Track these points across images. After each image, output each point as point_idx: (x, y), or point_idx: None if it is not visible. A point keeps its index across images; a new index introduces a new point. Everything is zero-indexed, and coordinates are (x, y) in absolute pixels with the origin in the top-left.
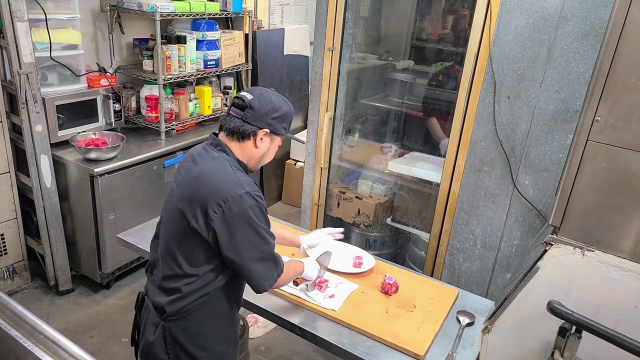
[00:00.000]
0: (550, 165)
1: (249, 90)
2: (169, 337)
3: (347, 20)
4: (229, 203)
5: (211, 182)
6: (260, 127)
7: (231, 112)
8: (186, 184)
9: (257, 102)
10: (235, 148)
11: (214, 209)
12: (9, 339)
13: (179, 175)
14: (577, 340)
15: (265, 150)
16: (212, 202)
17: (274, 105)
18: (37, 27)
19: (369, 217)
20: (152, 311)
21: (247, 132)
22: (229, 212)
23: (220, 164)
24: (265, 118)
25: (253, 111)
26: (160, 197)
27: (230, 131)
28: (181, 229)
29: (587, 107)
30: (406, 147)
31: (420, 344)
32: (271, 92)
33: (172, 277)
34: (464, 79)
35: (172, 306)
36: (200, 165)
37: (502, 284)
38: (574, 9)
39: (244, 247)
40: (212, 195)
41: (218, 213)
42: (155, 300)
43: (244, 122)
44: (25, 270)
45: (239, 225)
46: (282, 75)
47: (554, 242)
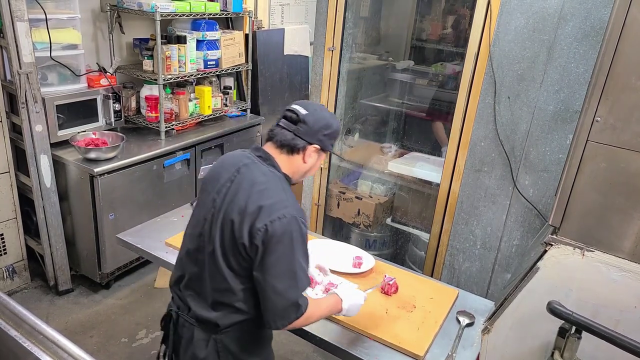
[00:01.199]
0: (550, 166)
1: (301, 104)
2: (222, 350)
3: (347, 20)
4: (275, 223)
5: (264, 199)
6: (311, 142)
7: (282, 124)
8: (233, 195)
9: (312, 118)
10: (282, 161)
11: (260, 226)
12: (9, 339)
13: (217, 184)
14: (577, 341)
15: (311, 165)
16: (261, 219)
17: (327, 122)
18: (37, 27)
19: (369, 217)
20: (197, 326)
21: (298, 146)
22: (272, 231)
23: (273, 180)
24: (317, 134)
25: (307, 126)
26: (160, 197)
27: (281, 144)
28: (228, 241)
29: (587, 107)
30: (406, 147)
31: (420, 344)
32: (323, 108)
33: (223, 291)
34: (464, 79)
35: (225, 319)
36: (251, 179)
37: (502, 284)
38: (574, 9)
39: (273, 272)
40: (262, 211)
41: (262, 231)
42: (204, 315)
43: (296, 136)
44: (25, 270)
45: (277, 248)
46: (282, 75)
47: (554, 243)
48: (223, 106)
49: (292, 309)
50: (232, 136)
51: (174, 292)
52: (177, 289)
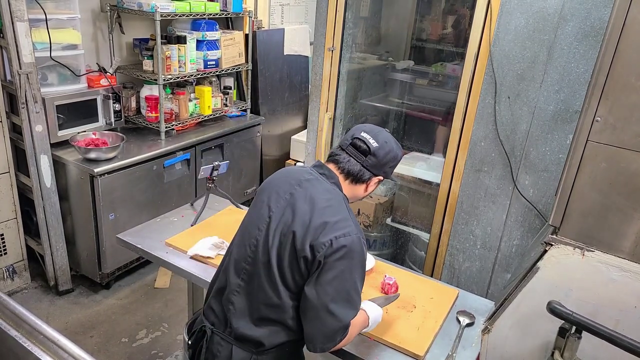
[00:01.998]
0: (550, 165)
1: (371, 133)
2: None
3: (347, 21)
4: (340, 240)
5: (328, 215)
6: (377, 174)
7: (350, 152)
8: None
9: (382, 152)
10: (345, 186)
11: (324, 240)
12: (9, 339)
13: (275, 194)
14: (577, 341)
15: (370, 192)
16: (325, 235)
17: (394, 155)
18: (37, 27)
19: (369, 217)
20: (236, 345)
21: (364, 178)
22: (336, 248)
23: (337, 199)
24: (384, 167)
25: (376, 159)
26: (160, 197)
27: (347, 172)
28: (287, 253)
29: (587, 107)
30: (406, 147)
31: (420, 344)
32: (391, 138)
33: (272, 306)
34: (464, 79)
35: (271, 338)
36: (313, 192)
37: (502, 284)
38: (574, 9)
39: (329, 289)
40: (327, 227)
41: (326, 246)
42: (246, 332)
43: (363, 168)
44: (25, 270)
45: (337, 265)
46: (282, 75)
47: (554, 242)
48: (223, 106)
49: (341, 332)
50: (232, 136)
51: (211, 305)
52: (215, 302)
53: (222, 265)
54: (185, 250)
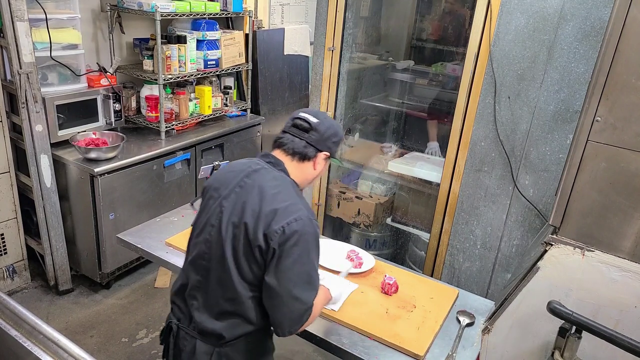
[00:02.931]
0: (550, 165)
1: (311, 112)
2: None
3: (347, 20)
4: (292, 225)
5: (278, 202)
6: (322, 150)
7: (292, 132)
8: (244, 200)
9: (322, 126)
10: (292, 168)
11: (277, 228)
12: (9, 338)
13: (224, 190)
14: (577, 341)
15: (319, 171)
16: (276, 221)
17: (335, 130)
18: (38, 26)
19: (369, 217)
20: (200, 339)
21: (309, 154)
22: (289, 233)
23: (284, 184)
24: (327, 142)
25: (318, 134)
26: (161, 197)
27: (293, 151)
28: (241, 246)
29: (587, 107)
30: (406, 147)
31: (420, 344)
32: (329, 116)
33: (230, 300)
34: (464, 79)
35: (232, 331)
36: (262, 183)
37: (502, 284)
38: (574, 9)
39: (290, 275)
40: (277, 214)
41: (279, 233)
42: (208, 326)
43: (308, 144)
44: (25, 270)
45: (293, 250)
46: (282, 75)
47: (554, 242)
48: (223, 106)
49: (307, 313)
50: (232, 136)
51: (175, 302)
52: (178, 299)
53: (184, 263)
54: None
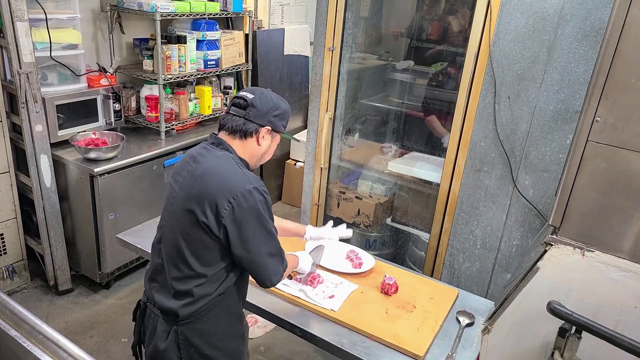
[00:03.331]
0: (550, 165)
1: (248, 90)
2: (183, 341)
3: (347, 20)
4: (238, 199)
5: (220, 179)
6: (262, 124)
7: (232, 111)
8: (191, 184)
9: (259, 101)
10: (237, 146)
11: (224, 205)
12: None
13: (178, 177)
14: (577, 341)
15: (266, 147)
16: (222, 198)
17: (274, 104)
18: (37, 26)
19: (369, 217)
20: (160, 317)
21: (249, 130)
22: (238, 207)
23: (226, 161)
24: (266, 116)
25: (255, 109)
26: (161, 197)
27: (233, 130)
28: (191, 228)
29: (587, 107)
30: (406, 147)
31: (420, 344)
32: (270, 92)
33: (182, 279)
34: (464, 79)
35: (185, 309)
36: (205, 164)
37: (502, 284)
38: (574, 9)
39: (254, 242)
40: (222, 191)
41: (228, 209)
42: (165, 305)
43: (247, 121)
44: (25, 270)
45: (249, 220)
46: (282, 75)
47: (554, 243)
48: (223, 106)
49: (279, 261)
50: None
51: (145, 283)
52: (146, 281)
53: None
54: None
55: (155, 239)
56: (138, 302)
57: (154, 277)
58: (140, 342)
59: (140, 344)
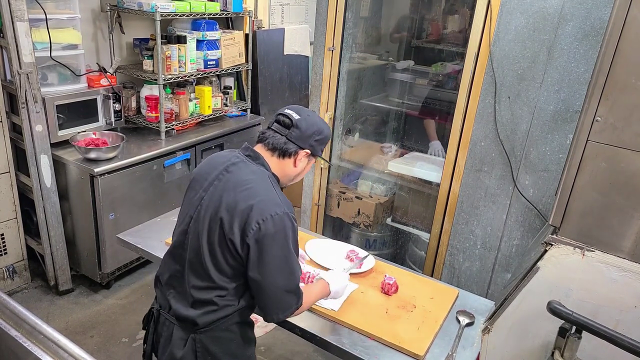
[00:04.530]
0: (550, 165)
1: (294, 109)
2: (201, 350)
3: (347, 20)
4: (267, 221)
5: (253, 197)
6: (303, 147)
7: (274, 127)
8: (222, 193)
9: (304, 123)
10: (273, 163)
11: (252, 225)
12: (9, 339)
13: (204, 182)
14: (577, 341)
15: (301, 170)
16: (252, 217)
17: (318, 128)
18: (37, 26)
19: (369, 217)
20: (176, 324)
21: (289, 150)
22: (265, 230)
23: (261, 178)
24: (309, 140)
25: (299, 131)
26: (161, 197)
27: (273, 147)
28: (216, 240)
29: (587, 107)
30: (406, 147)
31: (420, 344)
32: (315, 114)
33: (203, 289)
34: (464, 79)
35: (205, 317)
36: (240, 177)
37: (502, 284)
38: (574, 9)
39: (271, 269)
40: (253, 210)
41: (255, 229)
42: (182, 313)
43: (288, 141)
44: (25, 270)
45: (272, 245)
46: (282, 75)
47: (554, 242)
48: (223, 106)
49: (293, 299)
50: (232, 136)
51: (157, 290)
52: (160, 287)
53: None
54: None
55: (176, 243)
56: (150, 309)
57: (171, 282)
58: (153, 350)
59: (152, 352)
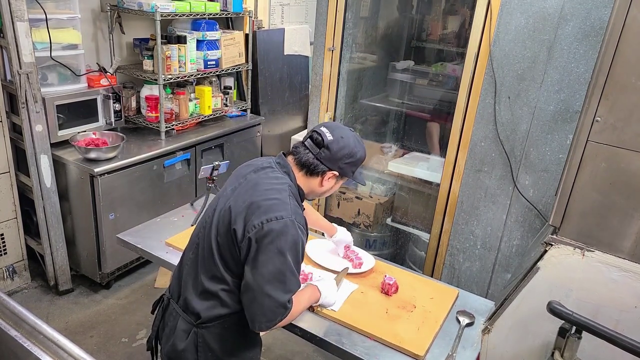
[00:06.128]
0: (550, 166)
1: (330, 127)
2: (202, 344)
3: (347, 21)
4: (271, 223)
5: (265, 197)
6: (332, 169)
7: (307, 144)
8: (240, 191)
9: (336, 145)
10: (300, 178)
11: (256, 222)
12: (9, 339)
13: (235, 180)
14: (577, 341)
15: (328, 188)
16: (258, 215)
17: (350, 151)
18: (37, 26)
19: (369, 217)
20: (182, 316)
21: (317, 170)
22: (267, 230)
23: (280, 185)
24: (338, 162)
25: (329, 153)
26: (161, 197)
27: (302, 164)
28: (224, 230)
29: (587, 107)
30: (406, 147)
31: (420, 344)
32: (350, 135)
33: (212, 278)
34: (464, 79)
35: (209, 312)
36: (262, 179)
37: (502, 284)
38: (574, 9)
39: (263, 273)
40: (261, 208)
41: (257, 227)
42: (190, 303)
43: (317, 160)
44: (25, 270)
45: (270, 248)
46: (282, 75)
47: (554, 243)
48: (223, 106)
49: (280, 311)
50: (232, 136)
51: (173, 278)
52: (176, 276)
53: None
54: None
55: (194, 233)
56: (161, 295)
57: (187, 271)
58: (157, 337)
59: (157, 339)
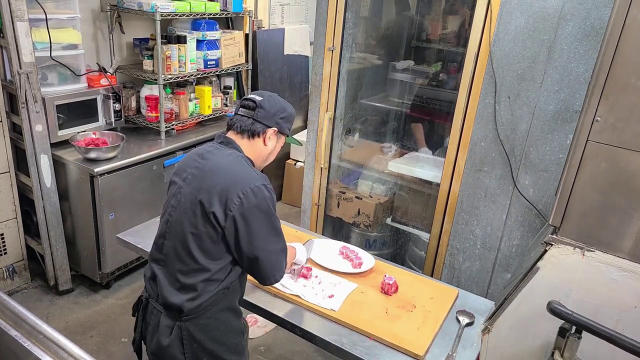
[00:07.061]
0: (550, 165)
1: (256, 92)
2: (187, 337)
3: (347, 21)
4: (248, 194)
5: (230, 174)
6: (269, 125)
7: (240, 112)
8: (200, 178)
9: (267, 103)
10: (245, 146)
11: (234, 200)
12: (9, 339)
13: (184, 173)
14: (577, 341)
15: (271, 148)
16: (233, 192)
17: (281, 107)
18: (37, 26)
19: (369, 217)
20: (163, 313)
21: (257, 130)
22: (247, 203)
23: (236, 158)
24: (274, 118)
25: (264, 111)
26: (161, 197)
27: (241, 129)
28: (199, 220)
29: (587, 107)
30: (406, 147)
31: (420, 344)
32: (276, 95)
33: (188, 272)
34: (464, 79)
35: (190, 304)
36: (214, 161)
37: (502, 284)
38: (574, 9)
39: (261, 238)
40: (232, 185)
41: (237, 203)
42: (169, 300)
43: (255, 121)
44: (25, 270)
45: (257, 215)
46: (282, 75)
47: (554, 242)
48: (223, 106)
49: (284, 257)
50: None
51: (147, 277)
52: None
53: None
54: None
55: (160, 232)
56: (139, 297)
57: (156, 271)
58: (142, 337)
59: (142, 340)
